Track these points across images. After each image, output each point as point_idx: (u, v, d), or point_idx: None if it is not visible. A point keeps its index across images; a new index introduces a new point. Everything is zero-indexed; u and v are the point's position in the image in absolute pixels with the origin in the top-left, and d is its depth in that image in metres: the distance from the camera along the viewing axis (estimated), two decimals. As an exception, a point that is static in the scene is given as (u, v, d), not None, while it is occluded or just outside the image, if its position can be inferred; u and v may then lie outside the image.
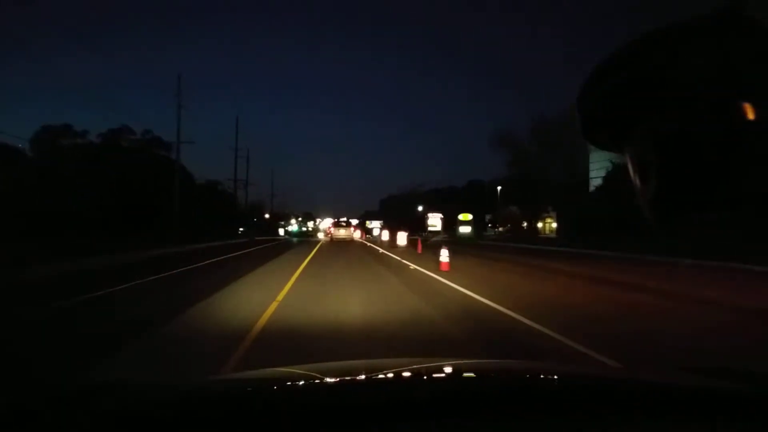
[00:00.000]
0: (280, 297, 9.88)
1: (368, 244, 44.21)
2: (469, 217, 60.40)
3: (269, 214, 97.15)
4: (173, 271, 15.85)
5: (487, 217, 78.93)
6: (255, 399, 1.30)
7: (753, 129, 0.62)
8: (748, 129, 0.62)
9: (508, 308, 8.67)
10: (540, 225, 60.13)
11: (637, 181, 0.75)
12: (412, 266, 17.90)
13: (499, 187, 63.47)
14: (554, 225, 57.00)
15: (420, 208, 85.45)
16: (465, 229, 59.39)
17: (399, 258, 22.86)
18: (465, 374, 1.76)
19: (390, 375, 1.64)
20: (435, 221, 70.79)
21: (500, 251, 28.36)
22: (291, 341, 6.22)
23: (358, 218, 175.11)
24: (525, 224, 59.71)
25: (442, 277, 14.06)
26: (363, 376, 1.64)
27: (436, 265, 16.36)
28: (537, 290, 12.21)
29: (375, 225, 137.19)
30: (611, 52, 0.71)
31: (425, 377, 1.64)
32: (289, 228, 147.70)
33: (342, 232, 48.17)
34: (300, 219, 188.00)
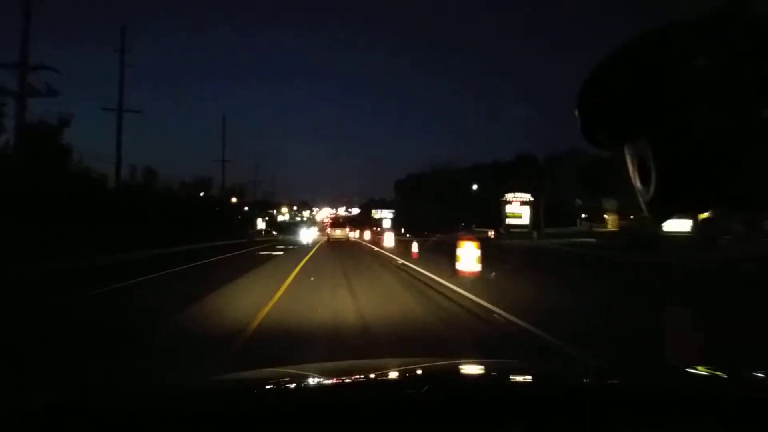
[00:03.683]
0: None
1: (391, 256, 18.48)
2: None
3: (237, 199, 63.04)
4: None
5: (579, 202, 50.74)
6: (252, 400, 1.30)
7: (755, 129, 0.62)
8: (749, 129, 0.63)
9: None
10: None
11: (638, 183, 0.76)
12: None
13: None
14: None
15: (475, 187, 56.22)
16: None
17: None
18: (462, 376, 1.69)
19: (385, 376, 1.65)
20: (519, 209, 43.20)
21: None
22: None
23: (360, 208, 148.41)
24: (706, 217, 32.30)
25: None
26: (360, 377, 1.63)
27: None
28: None
29: (385, 215, 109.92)
30: (611, 52, 0.70)
31: (423, 379, 1.59)
32: (282, 218, 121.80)
33: (338, 233, 41.61)
34: (295, 208, 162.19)
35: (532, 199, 42.51)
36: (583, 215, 46.07)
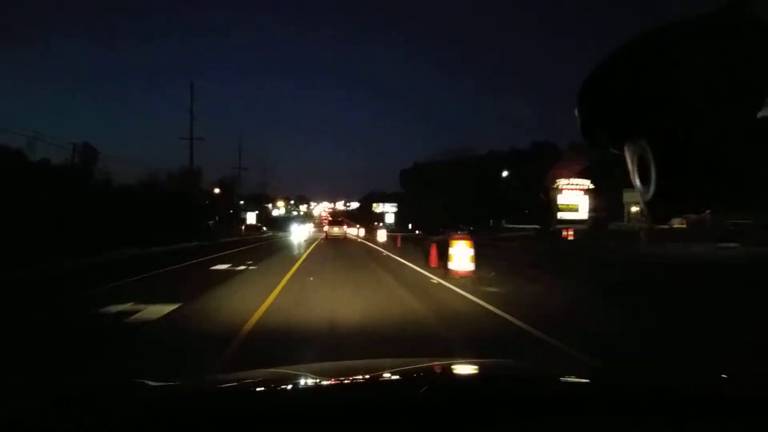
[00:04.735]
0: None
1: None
2: None
3: (222, 191, 54.53)
4: None
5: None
6: (251, 400, 1.29)
7: (754, 128, 0.63)
8: (749, 128, 0.63)
9: None
10: None
11: (637, 182, 0.76)
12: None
13: None
14: None
15: (505, 174, 47.67)
16: None
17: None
18: (462, 377, 1.67)
19: (385, 376, 1.62)
20: (575, 200, 35.20)
21: None
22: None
23: (359, 201, 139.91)
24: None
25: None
26: (359, 377, 1.62)
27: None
28: None
29: (388, 209, 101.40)
30: (611, 53, 0.71)
31: (422, 379, 1.57)
32: (277, 212, 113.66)
33: (336, 230, 38.73)
34: (292, 202, 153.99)
35: (593, 186, 34.29)
36: (632, 209, 38.39)
